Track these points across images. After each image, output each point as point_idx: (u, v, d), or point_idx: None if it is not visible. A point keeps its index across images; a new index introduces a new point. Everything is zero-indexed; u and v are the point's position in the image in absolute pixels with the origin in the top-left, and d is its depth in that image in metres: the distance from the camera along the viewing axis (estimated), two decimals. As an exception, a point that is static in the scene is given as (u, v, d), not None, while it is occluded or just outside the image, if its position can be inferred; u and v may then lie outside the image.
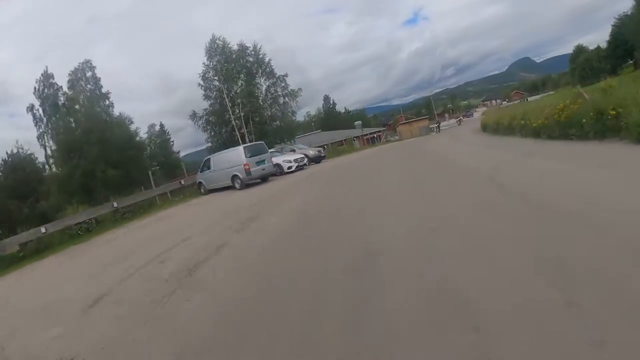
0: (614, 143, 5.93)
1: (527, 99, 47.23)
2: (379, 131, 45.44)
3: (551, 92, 41.03)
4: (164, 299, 3.57)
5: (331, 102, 76.54)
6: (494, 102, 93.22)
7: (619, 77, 24.51)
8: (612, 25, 39.38)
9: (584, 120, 6.82)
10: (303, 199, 8.33)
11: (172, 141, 43.94)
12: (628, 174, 4.11)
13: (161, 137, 43.70)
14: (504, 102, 74.85)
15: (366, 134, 40.81)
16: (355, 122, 44.67)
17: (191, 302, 3.35)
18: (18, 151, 23.80)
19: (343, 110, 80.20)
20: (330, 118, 70.30)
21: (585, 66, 40.61)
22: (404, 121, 47.93)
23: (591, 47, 45.36)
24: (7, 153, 23.74)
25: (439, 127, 35.66)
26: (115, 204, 14.93)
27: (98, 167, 18.23)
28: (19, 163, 23.27)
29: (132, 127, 22.25)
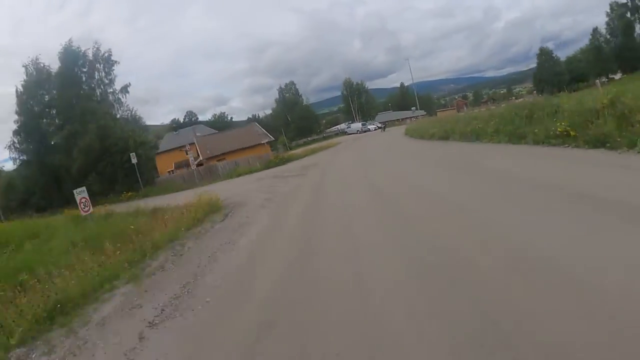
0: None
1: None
2: (422, 114, 79.00)
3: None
4: (350, 144, 41.51)
5: (405, 87, 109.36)
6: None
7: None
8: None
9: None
10: (375, 134, 45.79)
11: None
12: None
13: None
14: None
15: (415, 115, 74.70)
16: (412, 108, 78.56)
17: (347, 148, 41.27)
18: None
19: (416, 91, 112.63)
20: (405, 98, 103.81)
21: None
22: (443, 109, 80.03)
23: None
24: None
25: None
26: (324, 135, 54.87)
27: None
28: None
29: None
